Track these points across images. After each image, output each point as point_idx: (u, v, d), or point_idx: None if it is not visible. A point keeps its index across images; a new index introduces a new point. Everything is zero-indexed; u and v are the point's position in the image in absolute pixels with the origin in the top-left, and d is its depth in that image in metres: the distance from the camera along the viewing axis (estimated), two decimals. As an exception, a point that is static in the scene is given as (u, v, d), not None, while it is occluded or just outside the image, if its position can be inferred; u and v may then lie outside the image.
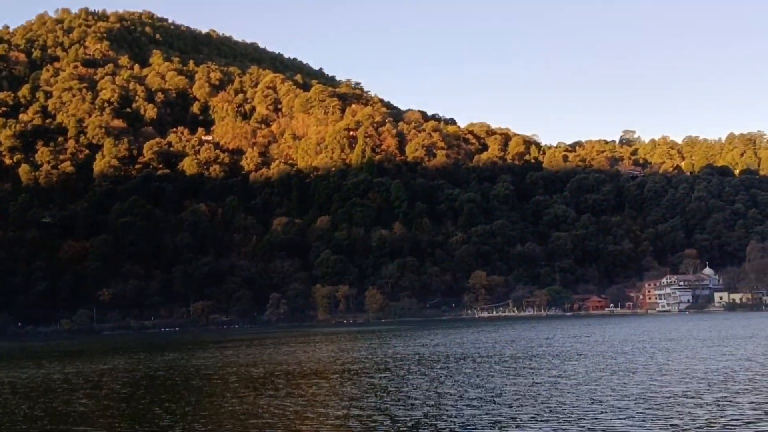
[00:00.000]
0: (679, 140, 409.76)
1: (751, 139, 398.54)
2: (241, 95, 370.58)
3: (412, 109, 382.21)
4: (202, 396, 37.75)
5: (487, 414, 26.72)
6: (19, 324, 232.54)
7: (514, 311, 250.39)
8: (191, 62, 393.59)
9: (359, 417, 27.46)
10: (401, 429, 24.49)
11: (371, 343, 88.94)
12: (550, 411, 26.87)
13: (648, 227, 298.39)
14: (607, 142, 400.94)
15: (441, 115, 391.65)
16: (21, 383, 52.08)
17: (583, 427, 23.40)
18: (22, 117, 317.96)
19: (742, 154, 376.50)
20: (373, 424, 25.83)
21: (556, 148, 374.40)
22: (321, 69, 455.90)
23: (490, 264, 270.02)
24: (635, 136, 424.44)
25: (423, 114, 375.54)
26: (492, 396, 31.68)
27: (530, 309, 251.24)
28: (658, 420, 24.14)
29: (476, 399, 30.90)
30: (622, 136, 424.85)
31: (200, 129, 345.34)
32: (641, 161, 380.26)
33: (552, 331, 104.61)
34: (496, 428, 23.72)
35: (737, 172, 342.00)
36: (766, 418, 23.82)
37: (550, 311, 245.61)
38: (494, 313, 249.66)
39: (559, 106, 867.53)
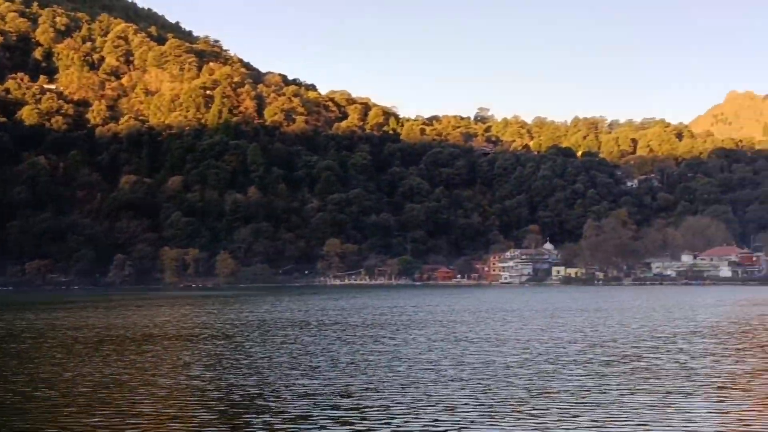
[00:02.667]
0: (529, 120, 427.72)
1: (594, 123, 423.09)
2: (89, 44, 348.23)
3: (272, 72, 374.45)
4: (20, 361, 34.56)
5: (322, 383, 25.90)
6: None
7: (365, 279, 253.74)
8: (35, 4, 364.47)
9: (188, 386, 25.88)
10: (233, 399, 23.18)
11: (215, 309, 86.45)
12: (387, 380, 26.45)
13: (496, 202, 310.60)
14: (462, 118, 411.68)
15: (302, 80, 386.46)
16: None
17: (418, 396, 23.06)
18: None
19: (584, 137, 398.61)
20: (202, 393, 24.37)
21: (414, 121, 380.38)
22: (178, 23, 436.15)
23: (344, 232, 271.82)
24: (489, 113, 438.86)
25: (283, 78, 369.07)
26: (329, 364, 30.96)
27: (381, 278, 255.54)
28: (493, 389, 24.23)
29: (313, 368, 30.07)
30: (477, 113, 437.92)
31: (42, 77, 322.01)
32: (494, 138, 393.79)
33: (399, 300, 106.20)
34: (331, 398, 22.91)
35: (579, 153, 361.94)
36: (593, 387, 24.47)
37: (400, 280, 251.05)
38: (346, 281, 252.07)
39: (419, 79, 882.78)
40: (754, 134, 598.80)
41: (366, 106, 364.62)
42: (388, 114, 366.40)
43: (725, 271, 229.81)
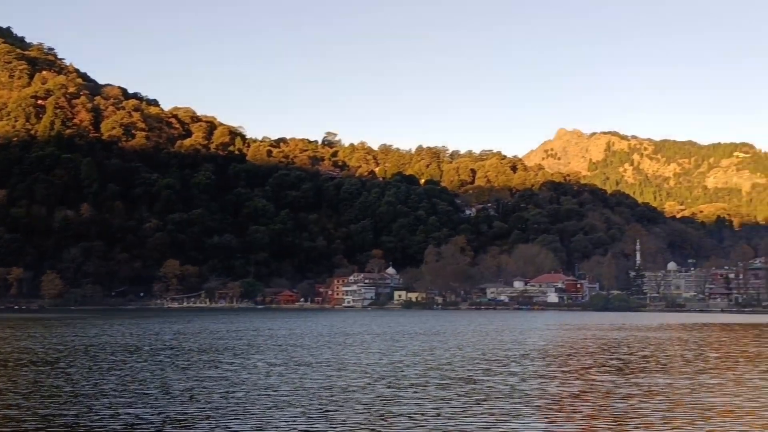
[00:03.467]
0: (375, 147, 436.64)
1: (436, 153, 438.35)
2: None
3: (111, 85, 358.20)
4: None
5: (152, 412, 24.46)
6: None
7: (205, 302, 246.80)
8: None
9: (2, 417, 23.57)
10: (52, 430, 21.31)
11: (38, 332, 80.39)
12: (223, 407, 25.42)
13: (341, 226, 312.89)
14: (310, 142, 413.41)
15: (144, 94, 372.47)
16: None
17: (255, 423, 22.29)
18: None
19: (428, 166, 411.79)
20: (18, 424, 22.27)
21: (261, 142, 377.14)
22: (9, 28, 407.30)
23: (184, 253, 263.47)
24: (337, 138, 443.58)
25: (123, 91, 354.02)
26: (161, 392, 29.37)
27: (222, 301, 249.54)
28: (332, 414, 23.90)
29: (143, 395, 28.40)
30: (324, 138, 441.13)
31: None
32: (340, 163, 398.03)
33: (239, 324, 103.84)
34: (162, 427, 21.64)
35: (422, 181, 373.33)
36: (430, 410, 24.73)
37: (242, 304, 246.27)
38: (185, 304, 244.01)
39: (267, 100, 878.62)
40: (580, 169, 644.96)
41: (211, 125, 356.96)
42: (234, 134, 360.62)
43: (552, 297, 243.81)
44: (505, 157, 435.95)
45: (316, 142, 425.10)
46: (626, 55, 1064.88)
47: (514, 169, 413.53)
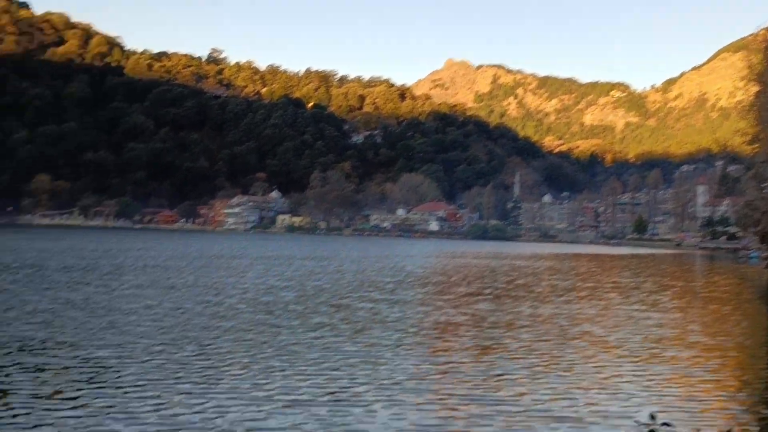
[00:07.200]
0: (263, 67, 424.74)
1: (325, 77, 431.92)
2: None
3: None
4: None
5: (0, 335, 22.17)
6: None
7: (80, 220, 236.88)
8: None
9: None
10: None
11: None
12: (79, 332, 23.36)
13: (225, 148, 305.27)
14: (194, 58, 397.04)
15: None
16: None
17: (120, 349, 20.51)
18: None
19: (316, 89, 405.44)
20: None
21: (141, 54, 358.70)
22: None
23: (56, 168, 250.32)
24: (222, 56, 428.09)
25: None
26: (11, 315, 26.87)
27: (98, 219, 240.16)
28: (203, 341, 22.41)
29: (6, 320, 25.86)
30: (209, 54, 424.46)
31: None
32: (226, 82, 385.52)
33: (112, 243, 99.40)
34: (15, 354, 19.50)
35: (310, 105, 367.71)
36: (307, 339, 23.68)
37: (118, 222, 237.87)
38: (57, 220, 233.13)
39: (148, 10, 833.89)
40: (466, 100, 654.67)
41: (87, 33, 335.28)
42: (112, 44, 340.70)
43: (434, 226, 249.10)
44: (393, 85, 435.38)
45: (200, 58, 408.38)
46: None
47: (402, 97, 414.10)
